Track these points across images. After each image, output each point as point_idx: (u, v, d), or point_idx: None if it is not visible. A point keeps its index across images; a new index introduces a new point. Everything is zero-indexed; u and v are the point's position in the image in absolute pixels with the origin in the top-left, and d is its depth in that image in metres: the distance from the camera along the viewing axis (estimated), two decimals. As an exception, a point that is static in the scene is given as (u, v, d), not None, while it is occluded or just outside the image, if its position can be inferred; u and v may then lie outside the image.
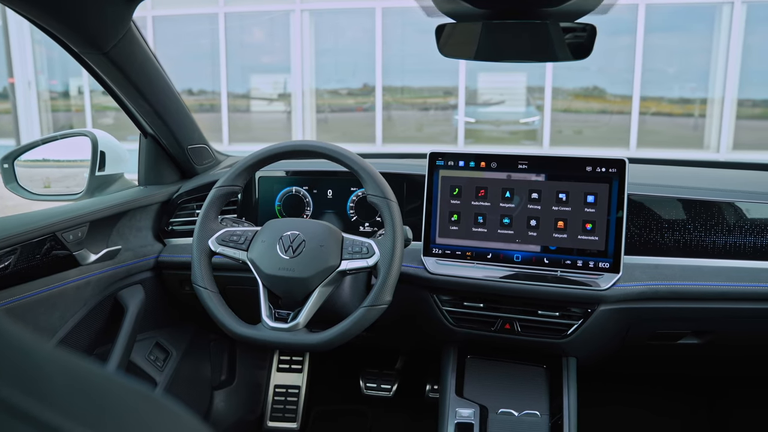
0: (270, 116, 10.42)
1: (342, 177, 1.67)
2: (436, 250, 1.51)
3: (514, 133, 9.88)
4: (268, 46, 10.23)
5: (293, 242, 1.32)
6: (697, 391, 2.12)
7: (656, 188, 1.53)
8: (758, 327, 1.50)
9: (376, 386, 2.13)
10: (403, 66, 9.55)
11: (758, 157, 8.79)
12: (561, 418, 1.44)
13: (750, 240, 1.48)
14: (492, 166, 1.47)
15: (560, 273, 1.43)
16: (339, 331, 1.27)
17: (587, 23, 1.29)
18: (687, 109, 9.56)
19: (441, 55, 1.41)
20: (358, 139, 9.78)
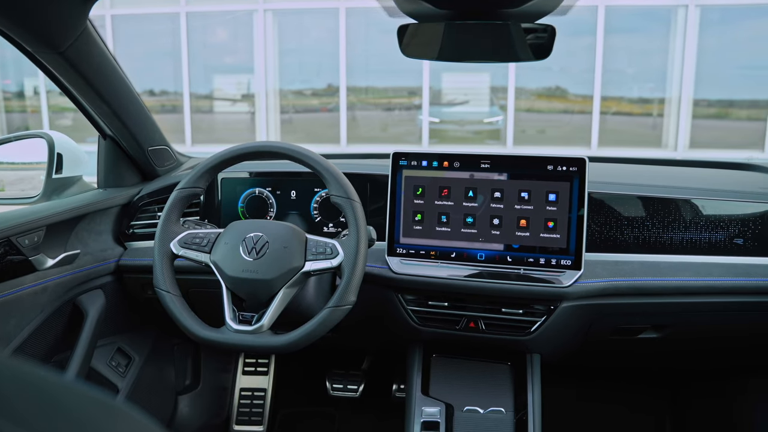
0: (234, 117, 10.32)
1: (305, 178, 1.66)
2: (400, 249, 1.51)
3: (478, 132, 9.96)
4: (231, 46, 10.13)
5: (256, 244, 1.31)
6: (658, 384, 2.17)
7: (616, 186, 1.56)
8: (713, 320, 1.53)
9: (342, 387, 2.13)
10: (367, 66, 9.55)
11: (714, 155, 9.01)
12: (526, 414, 1.46)
13: (705, 236, 1.52)
14: (455, 166, 1.48)
15: (523, 271, 1.45)
16: (304, 332, 1.27)
17: (547, 24, 1.31)
18: (646, 109, 9.77)
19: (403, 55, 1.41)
20: (323, 139, 9.75)
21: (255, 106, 9.82)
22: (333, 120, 9.73)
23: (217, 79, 10.19)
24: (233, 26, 9.90)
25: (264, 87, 9.66)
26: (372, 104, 9.92)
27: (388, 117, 10.00)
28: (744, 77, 9.33)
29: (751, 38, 9.33)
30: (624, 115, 9.77)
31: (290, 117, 10.11)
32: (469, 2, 1.24)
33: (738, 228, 1.51)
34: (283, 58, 9.75)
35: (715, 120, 9.59)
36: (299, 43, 9.93)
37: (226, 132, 10.05)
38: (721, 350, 1.75)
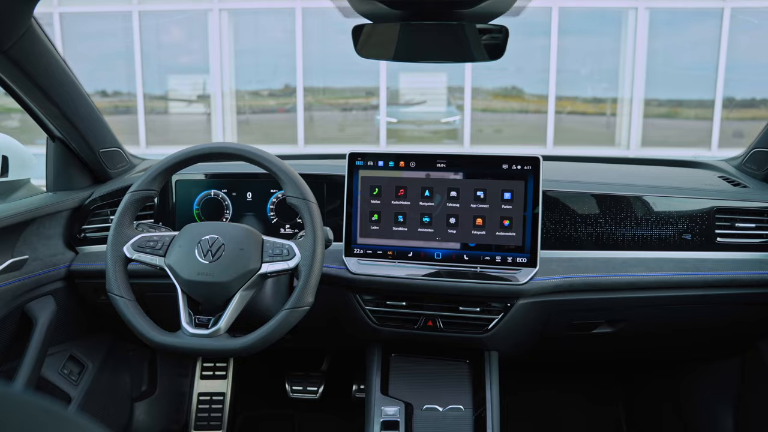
0: (189, 118, 10.18)
1: (261, 179, 1.65)
2: (357, 250, 1.51)
3: (435, 132, 10.03)
4: (186, 46, 9.99)
5: (212, 246, 1.29)
6: (611, 373, 2.23)
7: (570, 184, 1.59)
8: (664, 314, 1.58)
9: (302, 389, 2.11)
10: (324, 66, 9.52)
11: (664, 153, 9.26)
12: (484, 410, 1.47)
13: (656, 232, 1.56)
14: (411, 166, 1.49)
15: (480, 269, 1.46)
16: (261, 334, 1.26)
17: (501, 25, 1.33)
18: (599, 108, 9.99)
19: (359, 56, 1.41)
20: (280, 140, 9.69)
21: (211, 107, 9.69)
22: (290, 121, 9.68)
23: (172, 79, 10.02)
24: (188, 26, 9.76)
25: (220, 87, 9.54)
26: (329, 105, 9.90)
27: (345, 117, 9.99)
28: (692, 78, 9.62)
29: (697, 40, 9.63)
30: (579, 115, 9.97)
31: (247, 118, 10.01)
32: (423, 3, 1.25)
33: (686, 224, 1.56)
34: (239, 59, 9.65)
35: (665, 119, 9.87)
36: (255, 43, 9.85)
37: (182, 133, 9.90)
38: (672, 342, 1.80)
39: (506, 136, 9.93)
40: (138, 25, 9.34)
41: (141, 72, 9.50)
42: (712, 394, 1.88)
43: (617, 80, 9.65)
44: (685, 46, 9.77)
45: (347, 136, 9.86)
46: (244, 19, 9.62)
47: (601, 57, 9.74)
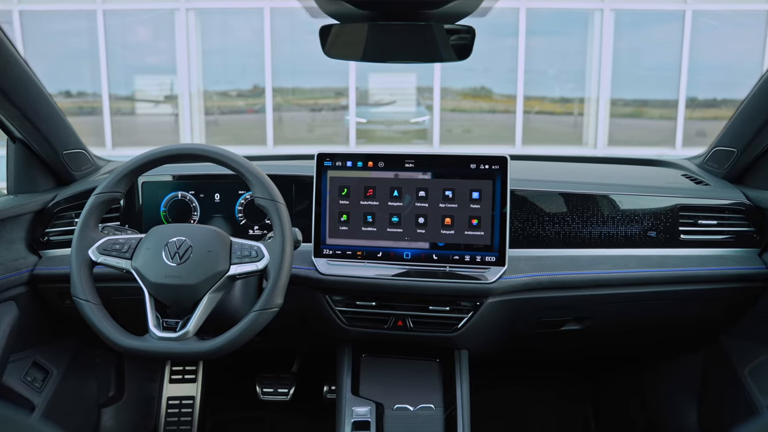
0: (156, 119, 10.04)
1: (229, 180, 1.64)
2: (326, 250, 1.51)
3: (405, 132, 10.06)
4: (152, 45, 9.85)
5: (180, 248, 1.28)
6: (579, 369, 2.26)
7: (538, 183, 1.61)
8: (631, 310, 1.60)
9: (273, 391, 2.10)
10: (293, 67, 9.48)
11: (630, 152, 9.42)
12: (455, 409, 1.48)
13: (622, 230, 1.58)
14: (379, 166, 1.49)
15: (449, 268, 1.47)
16: (230, 336, 1.25)
17: (467, 25, 1.34)
18: (567, 108, 10.12)
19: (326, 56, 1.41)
20: (249, 141, 9.62)
21: (178, 108, 9.58)
22: (259, 121, 9.61)
23: (139, 79, 9.88)
24: (154, 25, 9.63)
25: (187, 88, 9.44)
26: (299, 105, 9.86)
27: (315, 118, 9.96)
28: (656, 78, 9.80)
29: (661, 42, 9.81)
30: (547, 114, 10.09)
31: (216, 118, 9.92)
32: (391, 3, 1.25)
33: (651, 221, 1.59)
34: (207, 59, 9.56)
35: (631, 119, 10.03)
36: (223, 43, 9.76)
37: (149, 134, 9.76)
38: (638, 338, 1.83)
39: (475, 135, 10.00)
40: (102, 24, 9.18)
41: (106, 72, 9.35)
42: (677, 389, 1.92)
43: (584, 80, 9.79)
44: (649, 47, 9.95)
45: (317, 136, 9.83)
46: (212, 18, 9.53)
47: (568, 57, 9.87)
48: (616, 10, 9.31)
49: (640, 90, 9.99)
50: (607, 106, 9.66)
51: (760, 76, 1.52)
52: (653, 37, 9.96)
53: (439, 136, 9.61)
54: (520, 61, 9.38)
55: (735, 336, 1.72)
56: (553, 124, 10.14)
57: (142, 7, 9.34)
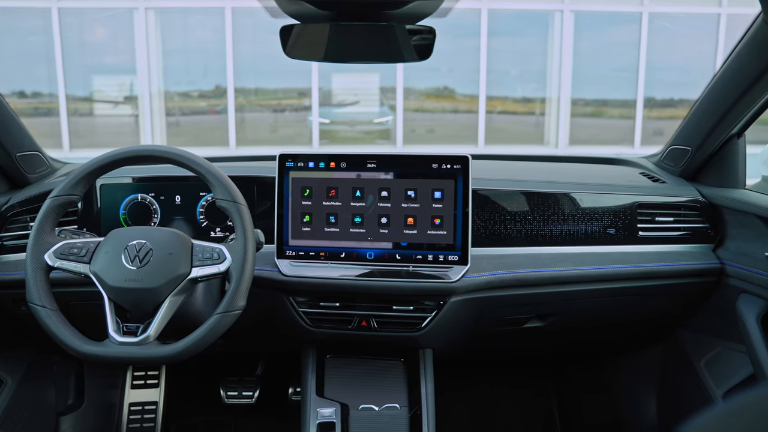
0: (116, 120, 9.86)
1: (190, 182, 1.62)
2: (289, 252, 1.50)
3: (368, 132, 10.06)
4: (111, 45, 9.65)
5: (140, 251, 1.26)
6: (543, 365, 2.29)
7: (500, 182, 1.62)
8: (591, 307, 1.63)
9: (237, 394, 2.08)
10: (255, 67, 9.40)
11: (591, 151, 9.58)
12: (420, 408, 1.48)
13: (582, 227, 1.61)
14: (342, 166, 1.49)
15: (412, 268, 1.48)
16: (193, 340, 1.23)
17: (428, 26, 1.35)
18: (529, 108, 10.24)
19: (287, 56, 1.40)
20: (212, 142, 9.51)
21: (139, 109, 9.41)
22: (221, 122, 9.51)
23: (97, 80, 9.67)
24: (112, 24, 9.44)
25: (147, 88, 9.28)
26: (261, 106, 9.78)
27: (278, 119, 9.90)
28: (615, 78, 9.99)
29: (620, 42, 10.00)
30: (509, 114, 10.20)
31: (177, 119, 9.78)
32: (351, 4, 1.25)
33: (610, 219, 1.62)
34: (168, 59, 9.42)
35: (591, 118, 10.20)
36: (184, 43, 9.62)
37: (108, 136, 9.57)
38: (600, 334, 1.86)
39: (439, 135, 10.05)
40: (58, 22, 8.96)
41: (62, 72, 9.13)
42: (637, 381, 1.96)
43: (545, 80, 9.92)
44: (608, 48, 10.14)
45: (280, 137, 9.76)
46: (172, 18, 9.39)
47: (530, 58, 9.99)
48: (575, 11, 9.46)
49: (600, 90, 10.17)
50: (567, 105, 9.82)
51: (712, 76, 1.56)
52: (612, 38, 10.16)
53: (403, 136, 9.64)
54: (482, 62, 9.47)
55: (691, 329, 1.76)
56: (515, 124, 10.25)
57: (99, 5, 9.15)
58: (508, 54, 9.83)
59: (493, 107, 9.88)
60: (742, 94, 1.47)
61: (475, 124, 9.74)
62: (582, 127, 10.00)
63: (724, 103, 1.53)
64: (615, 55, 10.08)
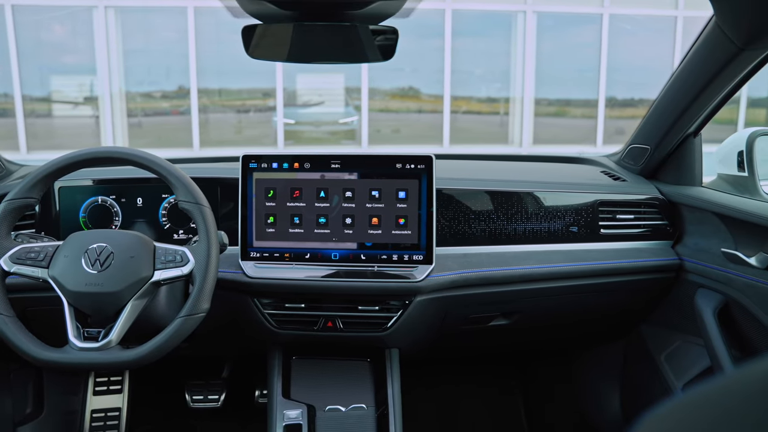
0: (76, 121, 9.66)
1: (152, 184, 1.59)
2: (253, 253, 1.49)
3: (333, 133, 10.04)
4: (70, 44, 9.45)
5: (100, 255, 1.24)
6: (510, 365, 2.32)
7: (464, 182, 1.64)
8: (555, 304, 1.66)
9: (202, 398, 2.06)
10: (219, 67, 9.31)
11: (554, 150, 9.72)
12: (386, 408, 1.49)
13: (545, 225, 1.63)
14: (305, 167, 1.48)
15: (377, 268, 1.48)
16: (156, 344, 1.22)
17: (390, 26, 1.35)
18: (493, 108, 10.34)
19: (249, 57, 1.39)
20: (175, 143, 9.38)
21: (99, 110, 9.24)
22: (185, 123, 9.39)
23: (56, 80, 9.46)
24: (71, 23, 9.24)
25: (108, 89, 9.11)
26: (226, 106, 9.69)
27: (242, 119, 9.81)
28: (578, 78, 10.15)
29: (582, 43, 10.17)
30: (474, 114, 10.28)
31: (139, 120, 9.62)
32: (313, 4, 1.25)
33: (573, 217, 1.64)
34: (129, 59, 9.26)
35: (554, 118, 10.35)
36: (146, 43, 9.47)
37: (68, 137, 9.37)
38: (564, 330, 1.89)
39: (404, 135, 10.08)
40: (12, 20, 8.74)
41: (18, 72, 8.90)
42: (600, 376, 1.99)
43: (509, 80, 10.03)
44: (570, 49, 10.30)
45: (244, 138, 9.68)
46: (133, 17, 9.23)
47: (494, 58, 10.09)
48: (538, 12, 9.58)
49: (563, 90, 10.33)
50: (531, 105, 9.94)
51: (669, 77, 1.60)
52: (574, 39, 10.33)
53: (368, 136, 9.64)
54: (447, 62, 9.53)
55: (652, 324, 1.80)
56: (479, 124, 10.34)
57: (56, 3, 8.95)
58: (472, 54, 9.91)
59: (458, 107, 9.95)
60: (697, 95, 1.51)
61: (440, 123, 9.79)
62: (545, 126, 10.14)
63: (680, 103, 1.56)
64: (577, 55, 10.25)
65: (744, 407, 0.30)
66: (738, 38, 1.30)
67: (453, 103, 9.78)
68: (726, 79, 1.44)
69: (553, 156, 2.14)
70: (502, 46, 9.96)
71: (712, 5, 1.28)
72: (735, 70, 1.41)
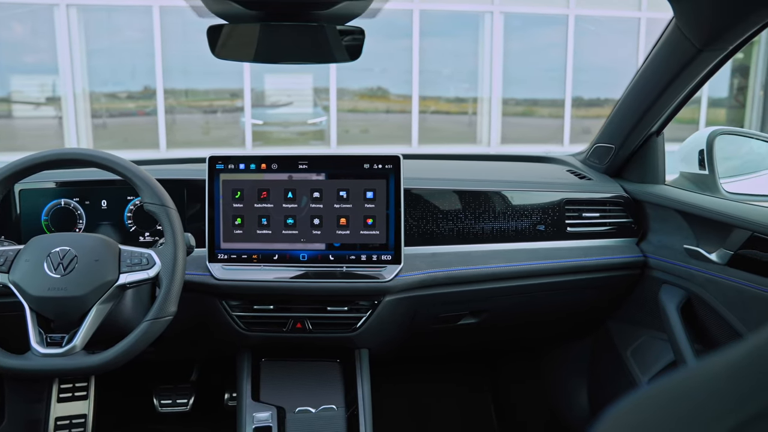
0: (38, 122, 9.44)
1: (117, 186, 1.57)
2: (221, 255, 1.48)
3: (302, 133, 10.00)
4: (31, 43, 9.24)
5: (63, 259, 1.22)
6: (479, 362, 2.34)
7: (432, 182, 1.64)
8: (523, 302, 1.67)
9: (171, 402, 2.03)
10: (186, 67, 9.19)
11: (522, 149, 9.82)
12: (356, 408, 1.49)
13: (512, 224, 1.65)
14: (273, 168, 1.48)
15: (346, 268, 1.48)
16: (122, 348, 1.20)
17: (357, 26, 1.35)
18: (462, 108, 10.40)
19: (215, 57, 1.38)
20: (141, 145, 9.24)
21: (62, 110, 9.06)
22: (151, 124, 9.26)
23: (16, 79, 9.24)
24: (31, 21, 9.04)
25: (71, 89, 8.93)
26: (193, 107, 9.58)
27: (210, 120, 9.71)
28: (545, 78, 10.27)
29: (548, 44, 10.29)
30: (442, 114, 10.32)
31: (104, 121, 9.46)
32: (279, 4, 1.24)
33: (539, 216, 1.66)
34: (93, 58, 9.08)
35: (522, 117, 10.45)
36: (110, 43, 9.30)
37: (30, 139, 9.16)
38: (532, 328, 1.91)
39: (373, 135, 10.08)
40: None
41: (-24, 72, 8.69)
42: (568, 372, 2.02)
43: (477, 81, 10.09)
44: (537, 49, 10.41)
45: (212, 139, 9.58)
46: (96, 16, 9.07)
47: (462, 58, 10.14)
48: (505, 12, 9.67)
49: (531, 90, 10.43)
50: (499, 105, 10.02)
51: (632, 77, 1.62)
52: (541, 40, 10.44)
53: (337, 136, 9.62)
54: (415, 62, 9.55)
55: (618, 320, 1.83)
56: (448, 124, 10.39)
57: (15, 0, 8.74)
58: (440, 54, 9.95)
59: (427, 107, 9.99)
60: (659, 95, 1.53)
61: (409, 123, 9.81)
62: (513, 126, 10.23)
63: (643, 103, 1.59)
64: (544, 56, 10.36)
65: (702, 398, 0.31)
66: (697, 39, 1.33)
67: (421, 103, 9.81)
68: (686, 79, 1.47)
69: (520, 155, 2.16)
70: (469, 46, 10.03)
71: (672, 7, 1.30)
72: (695, 71, 1.44)
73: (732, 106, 11.33)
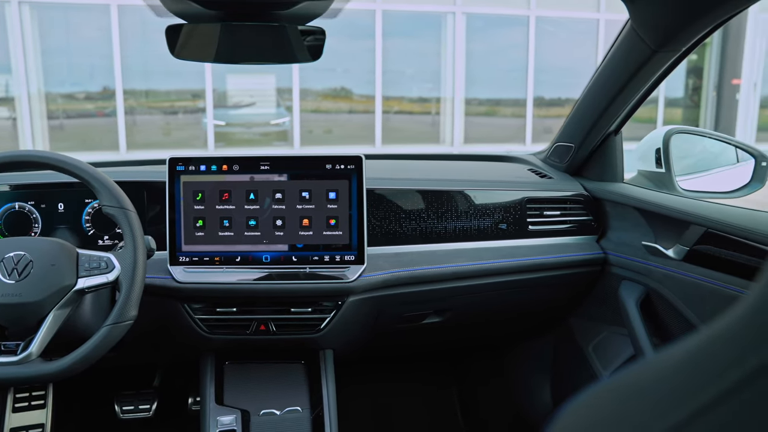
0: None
1: (74, 188, 1.53)
2: (183, 257, 1.46)
3: (265, 134, 9.93)
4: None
5: (18, 264, 1.19)
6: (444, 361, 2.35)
7: (395, 182, 1.65)
8: (486, 300, 1.69)
9: (133, 408, 1.99)
10: (146, 68, 9.04)
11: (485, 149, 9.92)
12: (321, 409, 1.48)
13: (475, 223, 1.66)
14: (234, 169, 1.46)
15: (309, 269, 1.47)
16: (80, 354, 1.18)
17: (318, 26, 1.35)
18: (425, 108, 10.45)
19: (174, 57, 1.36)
20: (100, 146, 9.06)
21: (16, 111, 8.82)
22: (111, 125, 9.08)
23: (-34, 80, 8.98)
24: (-18, 20, 8.79)
25: (26, 89, 8.71)
26: (153, 108, 9.42)
27: (171, 121, 9.57)
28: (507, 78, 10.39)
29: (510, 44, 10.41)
30: (405, 114, 10.36)
31: (61, 123, 9.24)
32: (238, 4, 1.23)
33: (502, 214, 1.68)
34: (48, 58, 8.87)
35: (485, 117, 10.55)
36: (66, 42, 9.10)
37: (-18, 141, 8.92)
38: (495, 326, 1.93)
39: (336, 136, 10.07)
40: None
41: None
42: (531, 368, 2.05)
43: (440, 81, 10.15)
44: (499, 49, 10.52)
45: (173, 140, 9.44)
46: (51, 14, 8.86)
47: (425, 58, 10.20)
48: (467, 13, 9.75)
49: (493, 90, 10.54)
50: (462, 105, 10.10)
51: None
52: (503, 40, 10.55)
53: (300, 137, 9.58)
54: (378, 62, 9.57)
55: (580, 317, 1.86)
56: (411, 124, 10.43)
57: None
58: (403, 55, 9.99)
59: (390, 107, 10.01)
60: (616, 95, 1.56)
61: (373, 124, 9.83)
62: (476, 125, 10.32)
63: (600, 102, 1.62)
64: (506, 56, 10.48)
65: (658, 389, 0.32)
66: (652, 41, 1.36)
67: (385, 104, 9.83)
68: (642, 79, 1.50)
69: (482, 155, 2.18)
70: (432, 46, 10.08)
71: (627, 9, 1.33)
72: (650, 71, 1.47)
73: (688, 105, 11.63)
